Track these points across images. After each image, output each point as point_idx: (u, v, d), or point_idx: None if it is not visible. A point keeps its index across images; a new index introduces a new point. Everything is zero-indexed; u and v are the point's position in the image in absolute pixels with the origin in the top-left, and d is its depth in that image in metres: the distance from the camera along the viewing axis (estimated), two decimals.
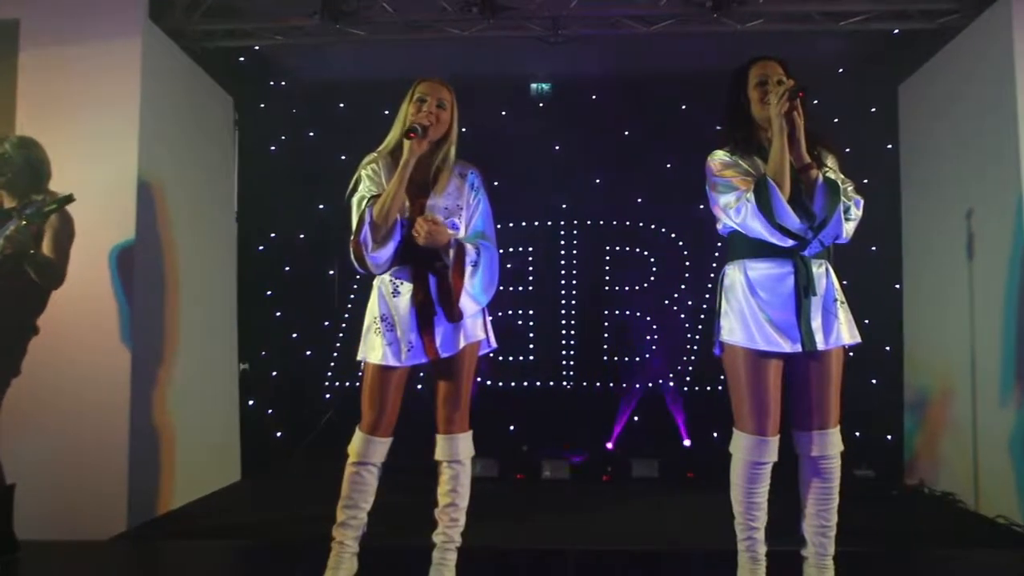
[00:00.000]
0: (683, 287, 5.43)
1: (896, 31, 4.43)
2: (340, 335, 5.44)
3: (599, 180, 5.57)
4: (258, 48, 4.83)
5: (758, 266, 2.40)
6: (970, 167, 4.14)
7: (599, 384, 5.46)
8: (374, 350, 2.50)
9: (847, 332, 2.40)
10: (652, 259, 5.52)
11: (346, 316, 5.43)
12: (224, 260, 4.92)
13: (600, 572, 3.10)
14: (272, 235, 5.45)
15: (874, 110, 5.27)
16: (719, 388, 5.16)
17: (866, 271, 4.94)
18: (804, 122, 2.33)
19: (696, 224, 5.14)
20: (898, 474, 4.77)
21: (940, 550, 3.42)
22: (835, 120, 5.12)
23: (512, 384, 5.47)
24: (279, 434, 5.29)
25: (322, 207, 5.46)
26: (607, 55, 5.03)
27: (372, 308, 2.56)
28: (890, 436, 4.99)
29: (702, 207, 2.51)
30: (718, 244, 5.02)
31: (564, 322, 5.54)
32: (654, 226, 5.52)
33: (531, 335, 5.51)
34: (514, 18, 4.31)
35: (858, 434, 4.69)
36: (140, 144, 3.75)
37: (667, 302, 5.45)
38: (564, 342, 5.52)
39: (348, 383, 5.40)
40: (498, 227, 2.66)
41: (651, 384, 5.38)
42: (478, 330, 2.58)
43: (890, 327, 4.98)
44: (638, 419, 5.31)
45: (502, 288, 2.89)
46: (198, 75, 4.54)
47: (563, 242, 5.59)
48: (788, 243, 2.33)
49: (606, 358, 5.48)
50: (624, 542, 3.47)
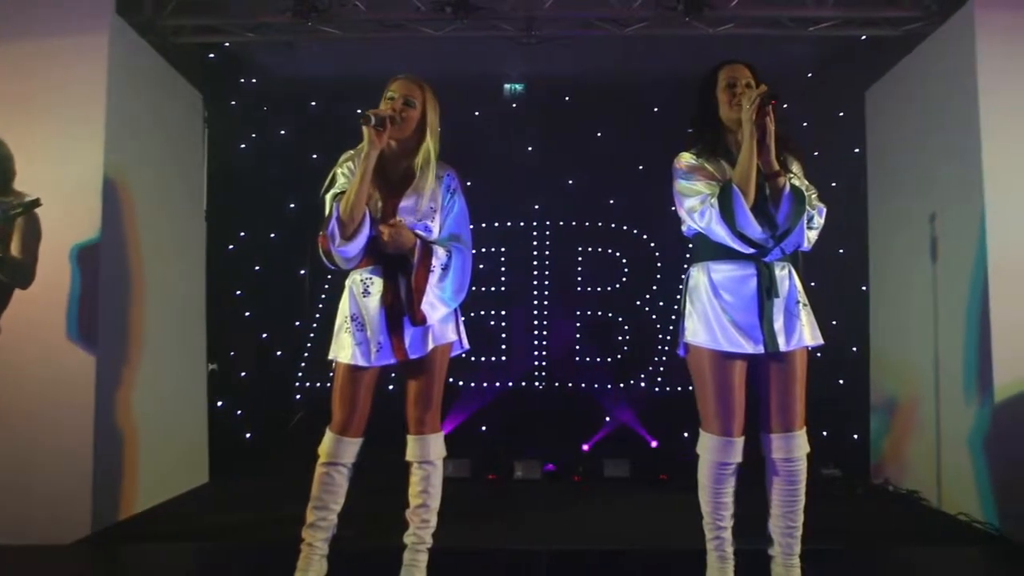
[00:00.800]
0: (655, 288, 5.47)
1: (863, 37, 4.51)
2: (311, 335, 5.40)
3: (572, 181, 5.59)
4: (228, 45, 4.78)
5: (721, 268, 2.42)
6: (934, 171, 4.23)
7: (571, 385, 5.48)
8: (344, 350, 2.48)
9: (809, 334, 2.43)
10: (624, 260, 5.56)
11: (317, 316, 5.39)
12: (193, 259, 4.85)
13: (572, 572, 3.11)
14: (242, 234, 5.39)
15: (841, 114, 5.36)
16: (689, 388, 5.20)
17: (833, 273, 5.03)
18: (775, 128, 2.34)
19: (668, 225, 5.16)
20: (864, 473, 4.85)
21: (904, 547, 3.49)
22: (804, 124, 5.21)
23: (484, 384, 5.47)
24: (248, 435, 5.23)
25: (293, 206, 5.41)
26: (580, 57, 5.05)
27: (343, 307, 2.54)
28: (857, 436, 5.07)
29: (673, 208, 2.53)
30: (689, 245, 5.06)
31: (536, 323, 5.55)
32: (626, 227, 5.56)
33: (503, 335, 5.51)
34: (487, 18, 4.31)
35: (825, 433, 4.77)
36: (106, 141, 3.67)
37: (639, 303, 5.49)
38: (536, 343, 5.53)
39: (319, 383, 5.36)
40: (471, 228, 2.65)
41: (622, 385, 5.43)
42: (449, 332, 2.57)
43: (857, 328, 5.06)
44: (609, 420, 5.35)
45: (475, 288, 2.88)
46: (167, 71, 4.47)
47: (535, 243, 5.61)
48: (749, 250, 2.35)
49: (578, 359, 5.51)
50: (596, 542, 3.49)
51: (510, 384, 5.48)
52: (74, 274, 3.60)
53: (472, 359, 5.41)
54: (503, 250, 5.57)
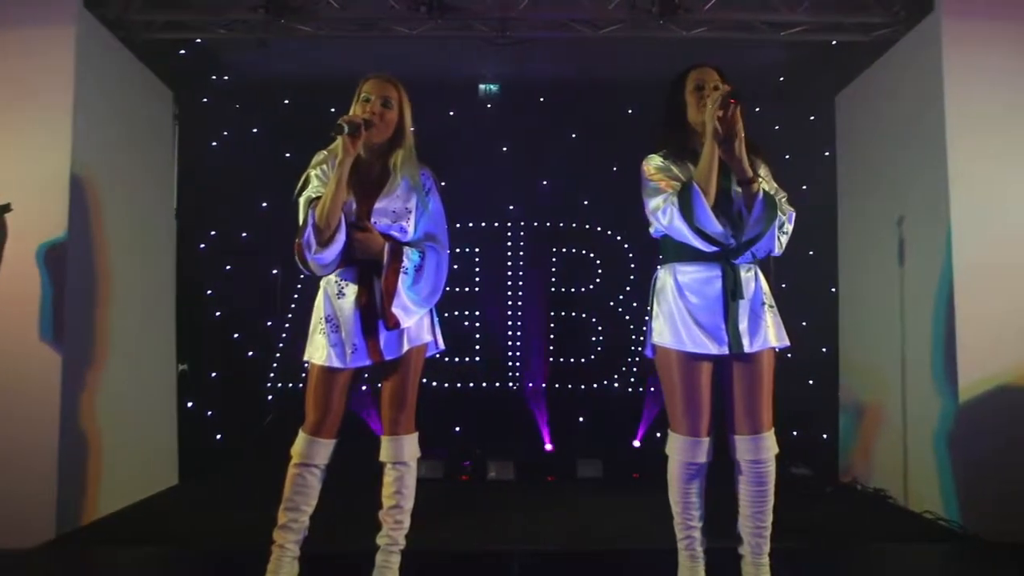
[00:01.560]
0: (628, 289, 5.50)
1: (834, 42, 4.58)
2: (283, 335, 5.34)
3: (546, 182, 5.60)
4: (200, 41, 4.71)
5: (687, 270, 2.44)
6: (902, 175, 4.30)
7: (544, 385, 5.49)
8: (318, 351, 2.47)
9: (774, 335, 2.44)
10: (598, 261, 5.58)
11: (289, 316, 5.33)
12: (162, 258, 4.78)
13: (545, 572, 3.11)
14: (213, 233, 5.32)
15: (812, 118, 5.44)
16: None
17: (803, 275, 5.09)
18: (744, 133, 2.33)
19: (641, 227, 5.19)
20: (833, 471, 4.93)
21: (871, 544, 3.54)
22: (775, 127, 5.27)
23: (458, 385, 5.46)
24: (219, 436, 5.16)
25: (265, 205, 5.35)
26: (556, 58, 5.06)
27: (318, 309, 2.52)
28: (826, 435, 5.15)
29: None
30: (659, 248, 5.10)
31: (511, 323, 5.56)
32: (600, 228, 5.58)
33: (477, 336, 5.51)
34: (462, 18, 4.31)
35: (795, 433, 4.83)
36: (73, 138, 3.62)
37: (612, 303, 5.52)
38: (510, 343, 5.54)
39: (291, 384, 5.31)
40: (447, 227, 2.64)
41: (595, 385, 5.45)
42: (424, 333, 2.56)
43: (826, 329, 5.14)
44: (583, 419, 5.37)
45: (449, 289, 2.87)
46: (137, 68, 4.40)
47: (510, 243, 5.61)
48: (710, 248, 2.36)
49: (552, 359, 5.52)
50: (569, 542, 3.50)
51: (484, 384, 5.47)
52: (42, 274, 3.53)
53: (446, 359, 5.39)
54: (477, 250, 5.56)
